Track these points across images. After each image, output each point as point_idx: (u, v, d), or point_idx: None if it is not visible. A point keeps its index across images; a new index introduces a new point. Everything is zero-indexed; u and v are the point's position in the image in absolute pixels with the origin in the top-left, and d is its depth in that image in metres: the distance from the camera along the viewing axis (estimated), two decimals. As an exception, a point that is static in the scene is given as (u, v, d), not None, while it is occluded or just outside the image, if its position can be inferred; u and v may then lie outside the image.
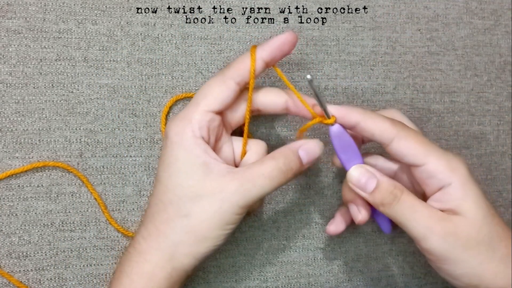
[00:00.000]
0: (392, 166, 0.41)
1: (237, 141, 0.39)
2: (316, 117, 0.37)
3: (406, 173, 0.40)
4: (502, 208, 0.50)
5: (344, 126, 0.37)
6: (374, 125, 0.36)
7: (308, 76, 0.35)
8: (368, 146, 0.46)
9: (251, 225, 0.45)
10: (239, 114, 0.38)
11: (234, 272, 0.44)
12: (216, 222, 0.34)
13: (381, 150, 0.45)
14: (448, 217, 0.35)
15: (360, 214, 0.39)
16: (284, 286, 0.45)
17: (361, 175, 0.37)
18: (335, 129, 0.37)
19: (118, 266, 0.36)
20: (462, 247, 0.35)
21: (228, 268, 0.44)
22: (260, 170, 0.35)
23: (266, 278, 0.45)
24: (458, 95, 0.50)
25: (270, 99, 0.38)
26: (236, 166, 0.39)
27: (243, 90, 0.38)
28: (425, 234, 0.35)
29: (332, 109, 0.36)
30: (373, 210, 0.40)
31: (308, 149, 0.37)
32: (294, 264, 0.45)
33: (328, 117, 0.36)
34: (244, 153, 0.39)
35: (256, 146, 0.39)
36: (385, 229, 0.42)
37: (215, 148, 0.38)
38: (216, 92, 0.36)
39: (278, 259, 0.45)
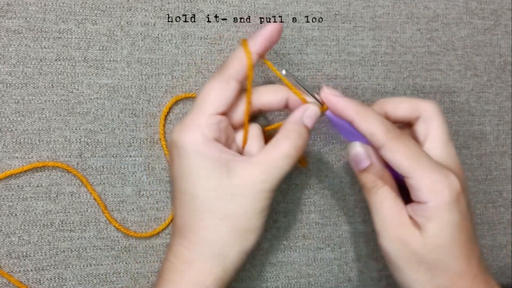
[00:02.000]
0: None
1: (238, 134, 0.40)
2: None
3: None
4: (502, 208, 0.50)
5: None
6: (366, 127, 0.36)
7: (283, 72, 0.36)
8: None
9: (251, 225, 0.45)
10: (239, 111, 0.39)
11: (234, 272, 0.44)
12: (252, 213, 0.35)
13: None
14: (409, 226, 0.36)
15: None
16: (284, 286, 0.45)
17: (360, 153, 0.38)
18: (330, 112, 0.38)
19: (160, 275, 0.36)
20: (406, 258, 0.36)
21: (228, 268, 0.44)
22: (279, 153, 0.36)
23: (266, 278, 0.45)
24: (458, 95, 0.50)
25: (269, 98, 0.39)
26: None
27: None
28: (382, 232, 0.37)
29: (331, 99, 0.37)
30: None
31: (310, 114, 0.38)
32: (294, 264, 0.45)
33: (322, 105, 0.38)
34: (245, 141, 0.39)
35: (252, 132, 0.40)
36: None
37: (227, 146, 0.38)
38: (220, 94, 0.36)
39: (278, 259, 0.45)
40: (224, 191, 0.35)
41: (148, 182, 0.42)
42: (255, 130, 0.40)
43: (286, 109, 0.39)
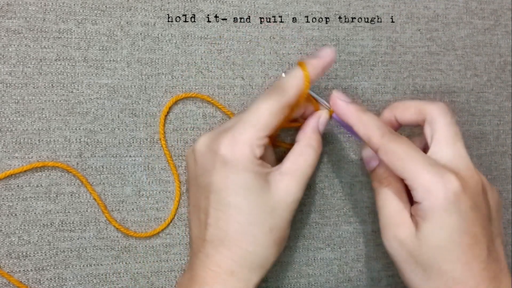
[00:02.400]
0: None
1: None
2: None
3: None
4: (502, 208, 0.50)
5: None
6: (363, 132, 0.38)
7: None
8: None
9: (251, 225, 0.44)
10: None
11: (234, 272, 0.44)
12: (288, 223, 0.38)
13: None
14: (407, 226, 0.37)
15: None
16: (284, 286, 0.45)
17: (368, 154, 0.41)
18: (336, 115, 0.41)
19: (198, 279, 0.36)
20: (403, 257, 0.37)
21: (228, 268, 0.44)
22: (307, 162, 0.38)
23: (266, 278, 0.44)
24: (458, 95, 0.50)
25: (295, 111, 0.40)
26: None
27: None
28: (382, 230, 0.38)
29: (335, 104, 0.39)
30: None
31: (323, 122, 0.41)
32: (294, 264, 0.45)
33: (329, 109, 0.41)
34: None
35: None
36: None
37: None
38: (275, 119, 0.37)
39: (278, 259, 0.45)
40: (267, 205, 0.36)
41: (148, 182, 0.42)
42: None
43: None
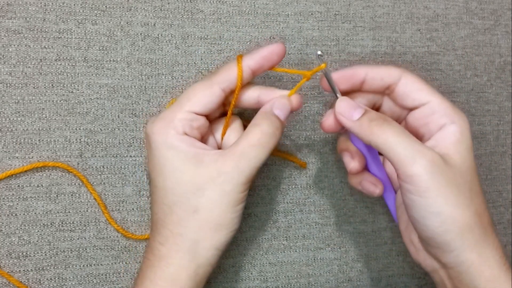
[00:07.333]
0: None
1: (217, 130, 0.39)
2: (306, 75, 0.38)
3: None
4: (502, 208, 0.50)
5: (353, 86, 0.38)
6: (381, 70, 0.37)
7: (319, 52, 0.37)
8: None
9: (251, 225, 0.45)
10: (218, 114, 0.39)
11: (234, 272, 0.44)
12: (225, 206, 0.34)
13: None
14: (435, 152, 0.34)
15: (352, 162, 0.39)
16: (284, 286, 0.45)
17: (348, 104, 0.36)
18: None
19: (139, 273, 0.36)
20: (445, 181, 0.33)
21: (228, 268, 0.44)
22: (249, 142, 0.35)
23: (266, 278, 0.45)
24: (458, 95, 0.50)
25: (244, 96, 0.38)
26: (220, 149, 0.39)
27: (228, 96, 0.38)
28: (412, 158, 0.33)
29: (337, 74, 0.38)
30: (385, 197, 0.41)
31: (280, 106, 0.37)
32: (294, 264, 0.45)
33: (335, 94, 0.38)
34: (224, 134, 0.39)
35: (231, 125, 0.39)
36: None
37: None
38: (200, 96, 0.36)
39: (278, 259, 0.45)
40: (195, 185, 0.34)
41: (148, 182, 0.42)
42: (234, 123, 0.39)
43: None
